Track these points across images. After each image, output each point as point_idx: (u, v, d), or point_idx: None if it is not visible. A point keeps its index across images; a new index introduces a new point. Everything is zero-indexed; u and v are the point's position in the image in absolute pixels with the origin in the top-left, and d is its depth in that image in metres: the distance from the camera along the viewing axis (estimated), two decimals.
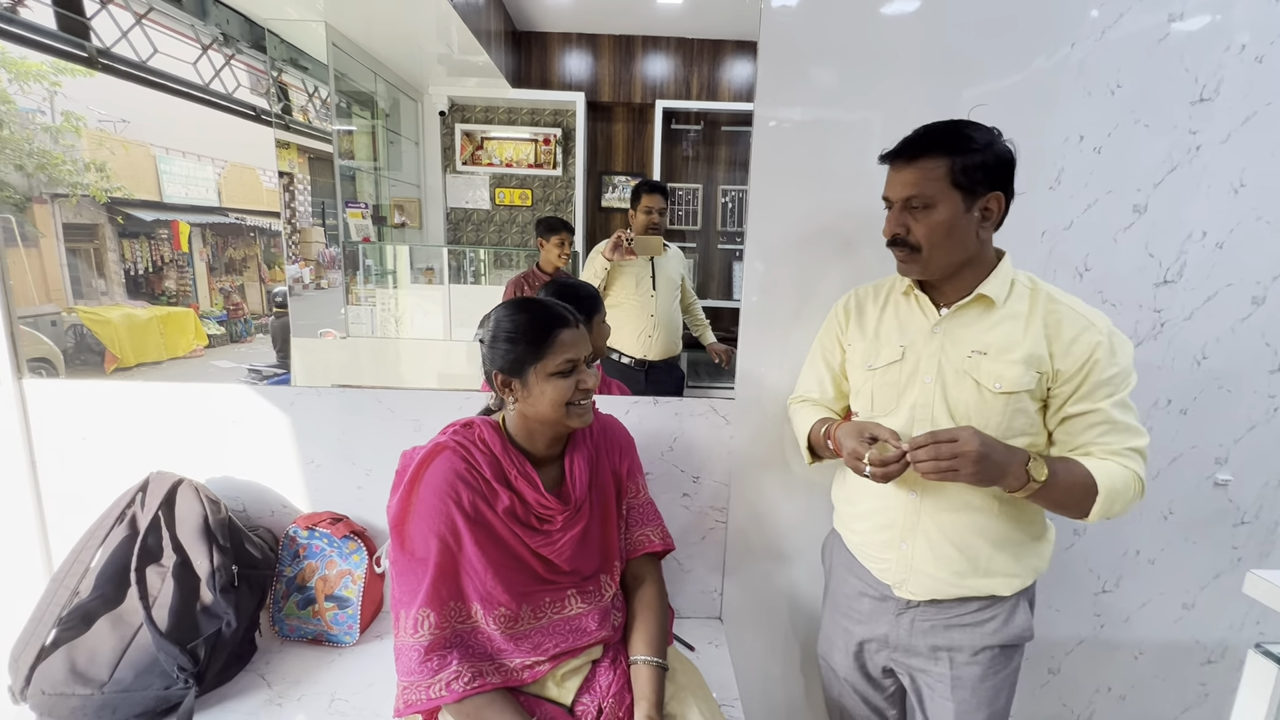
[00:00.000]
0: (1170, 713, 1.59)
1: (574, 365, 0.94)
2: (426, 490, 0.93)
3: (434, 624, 0.90)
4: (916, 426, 0.98)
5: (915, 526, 1.01)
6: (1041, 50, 1.22)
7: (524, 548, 0.96)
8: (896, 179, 0.96)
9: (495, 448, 0.96)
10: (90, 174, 6.53)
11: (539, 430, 0.98)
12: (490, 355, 0.95)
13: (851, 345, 1.10)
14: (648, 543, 1.11)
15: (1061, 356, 0.93)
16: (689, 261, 2.88)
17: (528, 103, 3.47)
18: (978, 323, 0.97)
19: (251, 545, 1.27)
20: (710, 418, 1.39)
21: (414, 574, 0.92)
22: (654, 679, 0.97)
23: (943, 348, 0.98)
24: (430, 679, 0.88)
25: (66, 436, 1.35)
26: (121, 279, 6.95)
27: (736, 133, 3.62)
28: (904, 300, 1.05)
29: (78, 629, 1.12)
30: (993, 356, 0.94)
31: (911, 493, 1.01)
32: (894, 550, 1.04)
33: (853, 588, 1.13)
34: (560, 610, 0.99)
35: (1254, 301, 1.34)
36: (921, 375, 0.99)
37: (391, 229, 3.42)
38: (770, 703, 1.56)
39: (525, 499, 0.96)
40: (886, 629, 1.08)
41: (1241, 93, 1.23)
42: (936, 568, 1.01)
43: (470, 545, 0.92)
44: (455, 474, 0.93)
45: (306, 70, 3.00)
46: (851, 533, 1.13)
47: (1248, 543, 1.47)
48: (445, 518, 0.91)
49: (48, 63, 5.76)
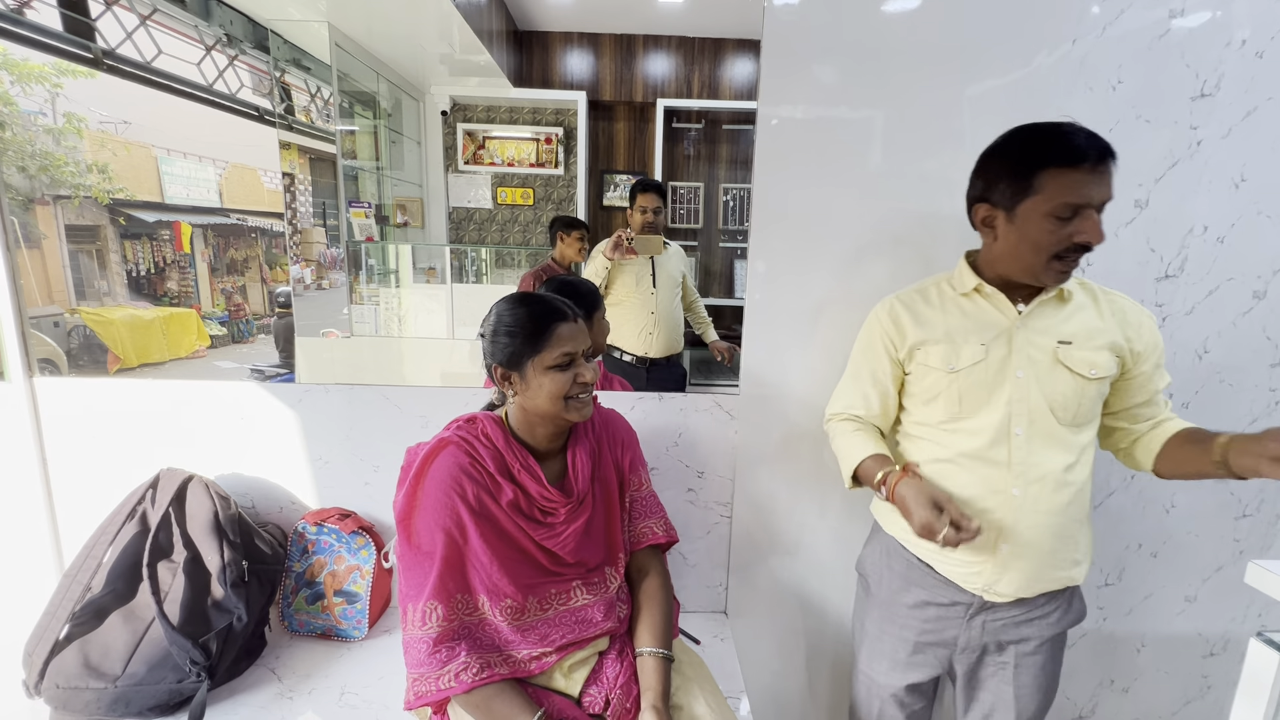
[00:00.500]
0: (1173, 705, 1.60)
1: (571, 359, 0.95)
2: (431, 485, 0.94)
3: (441, 616, 0.91)
4: (1014, 421, 0.99)
5: (1017, 525, 1.00)
6: (1043, 46, 1.23)
7: (528, 540, 0.97)
8: (1103, 180, 0.89)
9: (498, 441, 0.97)
10: (92, 175, 6.55)
11: (539, 424, 0.99)
12: (490, 349, 0.97)
13: (921, 349, 1.05)
14: (651, 535, 1.12)
15: (1137, 340, 1.00)
16: (691, 260, 2.89)
17: (529, 102, 3.48)
18: (1054, 315, 1.00)
19: (261, 541, 1.29)
20: (715, 413, 1.40)
21: (420, 568, 0.92)
22: (660, 670, 0.98)
23: (1030, 341, 0.99)
24: (439, 670, 0.89)
25: (77, 434, 1.36)
26: (124, 280, 6.97)
27: (738, 131, 3.63)
28: (966, 300, 1.04)
29: (90, 624, 1.13)
30: (1079, 345, 0.98)
31: (1014, 490, 0.99)
32: (989, 553, 1.01)
33: (914, 597, 1.10)
34: (566, 602, 1.00)
35: (1255, 296, 1.34)
36: (1012, 371, 0.99)
37: (394, 228, 3.43)
38: (776, 696, 1.57)
39: (529, 492, 0.97)
40: (954, 633, 1.08)
41: (1242, 88, 1.24)
42: (1033, 563, 1.01)
43: (475, 538, 0.93)
44: (459, 468, 0.94)
45: (309, 70, 3.01)
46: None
47: (1249, 535, 1.48)
48: (450, 511, 0.92)
49: (50, 65, 5.78)
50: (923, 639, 1.10)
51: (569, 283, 1.35)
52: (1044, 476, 0.99)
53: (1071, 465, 1.00)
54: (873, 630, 1.17)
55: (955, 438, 1.03)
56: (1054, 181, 0.89)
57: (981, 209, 0.99)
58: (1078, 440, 1.00)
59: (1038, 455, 0.99)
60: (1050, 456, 0.99)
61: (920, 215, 1.30)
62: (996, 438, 0.99)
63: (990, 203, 0.97)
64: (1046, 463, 0.99)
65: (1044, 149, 0.91)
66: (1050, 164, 0.89)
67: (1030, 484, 0.99)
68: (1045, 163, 0.90)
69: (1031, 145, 0.92)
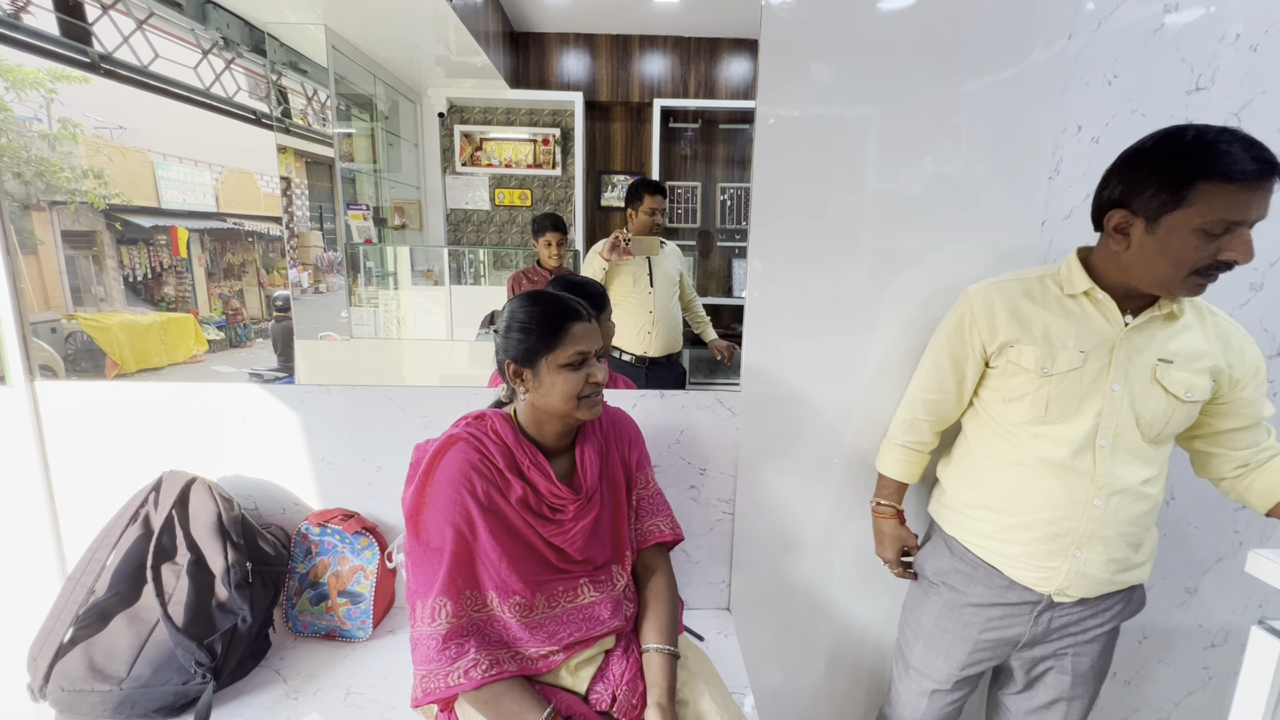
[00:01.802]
0: (1174, 697, 1.61)
1: (585, 358, 0.96)
2: (441, 481, 0.94)
3: (450, 613, 0.90)
4: (1101, 434, 0.98)
5: (1094, 534, 1.00)
6: (1039, 42, 1.24)
7: (537, 537, 0.97)
8: (1264, 198, 0.82)
9: (508, 438, 0.98)
10: (88, 181, 6.54)
11: (549, 421, 0.99)
12: (504, 345, 0.97)
13: (1014, 347, 1.02)
14: (658, 533, 1.12)
15: (1238, 365, 0.99)
16: (688, 259, 2.89)
17: (526, 103, 3.49)
18: (1161, 332, 0.98)
19: (264, 542, 1.29)
20: (717, 410, 1.40)
21: (429, 564, 0.92)
22: (666, 666, 0.99)
23: (1130, 355, 0.97)
24: (449, 667, 0.89)
25: (78, 437, 1.36)
26: (121, 285, 6.95)
27: (734, 130, 3.64)
28: (1073, 304, 1.01)
29: (95, 627, 1.13)
30: (1179, 365, 0.96)
31: (1096, 500, 0.99)
32: (1065, 559, 1.02)
33: (981, 597, 1.11)
34: (574, 599, 1.00)
35: (1251, 288, 1.35)
36: (1108, 383, 0.97)
37: (392, 231, 3.43)
38: (780, 692, 1.57)
39: (538, 489, 0.98)
40: (1019, 630, 1.09)
41: (1237, 81, 1.25)
42: (1104, 569, 1.02)
43: (485, 534, 0.93)
44: (469, 464, 0.94)
45: (306, 74, 3.01)
46: (1002, 543, 1.07)
47: (1249, 527, 1.48)
48: (460, 507, 0.92)
49: (44, 70, 5.76)
50: (985, 636, 1.11)
51: (577, 283, 1.35)
52: (1126, 489, 0.99)
53: (1151, 479, 1.00)
54: (931, 626, 1.17)
55: (1036, 443, 1.02)
56: (1210, 196, 0.82)
57: (1116, 215, 0.92)
58: (1159, 455, 1.01)
59: (1121, 468, 0.99)
60: (1132, 470, 0.99)
61: (918, 212, 1.31)
62: (1082, 447, 0.99)
63: (1129, 209, 0.91)
64: (1128, 476, 0.99)
65: (1201, 159, 0.83)
66: (1207, 177, 0.82)
67: (1112, 495, 0.99)
68: (1201, 175, 0.82)
69: (1187, 154, 0.84)
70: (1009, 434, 1.06)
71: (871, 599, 1.50)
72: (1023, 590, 1.07)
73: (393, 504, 1.41)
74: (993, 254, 1.32)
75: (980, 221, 1.31)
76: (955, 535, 1.15)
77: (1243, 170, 0.80)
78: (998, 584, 1.09)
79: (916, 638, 1.21)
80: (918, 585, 1.24)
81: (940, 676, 1.17)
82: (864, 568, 1.48)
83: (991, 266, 1.31)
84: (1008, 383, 1.04)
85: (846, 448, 1.41)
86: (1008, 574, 1.07)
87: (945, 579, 1.16)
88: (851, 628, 1.53)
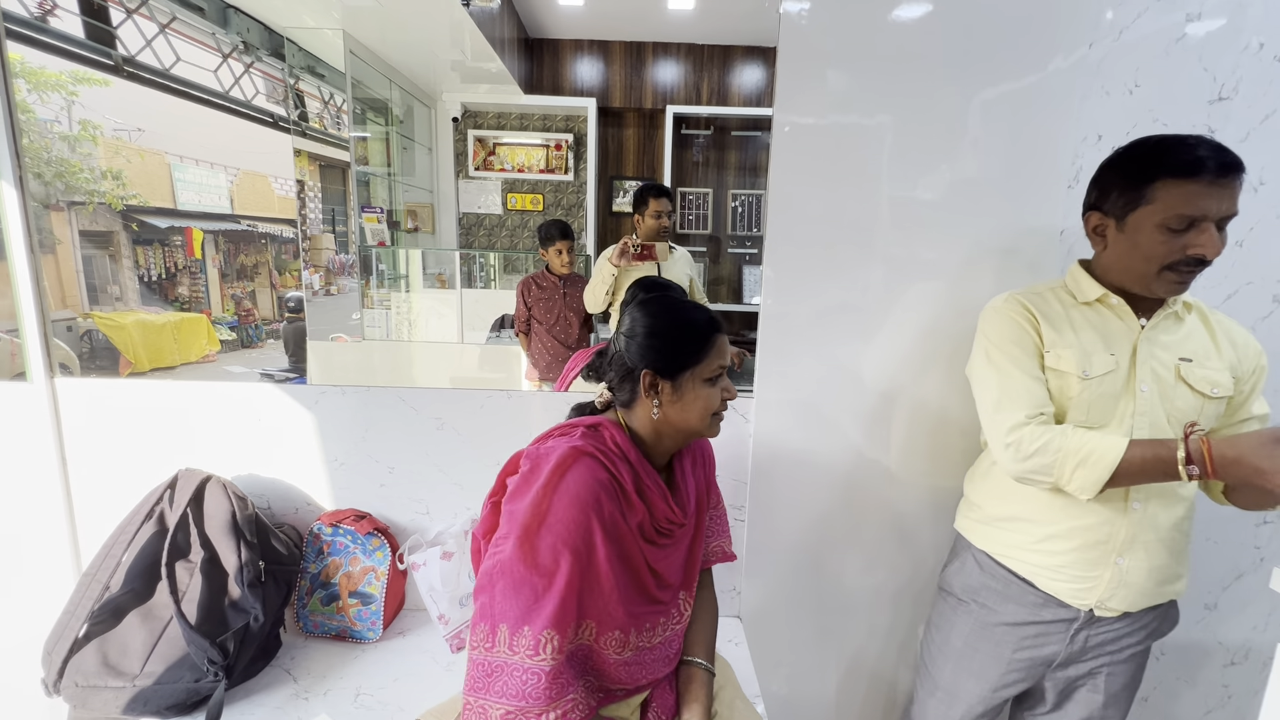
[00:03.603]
0: (1193, 715, 1.58)
1: (723, 372, 0.92)
2: (566, 499, 0.82)
3: (557, 648, 0.79)
4: (1135, 435, 0.97)
5: (1135, 539, 0.99)
6: (1059, 51, 1.23)
7: (643, 561, 0.91)
8: (1223, 193, 0.86)
9: (631, 455, 0.90)
10: (106, 182, 6.63)
11: (671, 437, 0.93)
12: (641, 352, 0.89)
13: (1052, 352, 1.01)
14: (722, 553, 1.10)
15: (1243, 361, 1.01)
16: (699, 265, 2.89)
17: (539, 108, 3.51)
18: (1173, 332, 1.00)
19: (277, 541, 1.29)
20: (729, 416, 1.38)
21: (530, 586, 0.80)
22: (706, 683, 0.97)
23: (1153, 355, 0.98)
24: (545, 706, 0.79)
25: (96, 434, 1.37)
26: (136, 285, 7.03)
27: (746, 137, 3.65)
28: (1090, 311, 1.02)
29: (109, 623, 1.14)
30: (1199, 363, 0.98)
31: (1134, 503, 0.98)
32: (1106, 568, 1.00)
33: (1014, 615, 1.08)
34: (652, 638, 0.94)
35: (1275, 300, 1.34)
36: (1137, 384, 0.98)
37: (404, 234, 3.46)
38: (791, 701, 1.56)
39: (654, 512, 0.91)
40: (1055, 649, 1.07)
41: (1260, 91, 1.24)
42: (1147, 578, 1.00)
43: (603, 560, 0.84)
44: (598, 483, 0.84)
45: (323, 78, 3.04)
46: (1040, 554, 1.05)
47: (1270, 542, 1.46)
48: (583, 530, 0.82)
49: (66, 72, 5.86)
50: (1019, 655, 1.09)
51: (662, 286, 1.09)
52: (1163, 492, 0.99)
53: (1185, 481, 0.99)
54: (960, 646, 1.15)
55: None
56: (1168, 192, 0.87)
57: (1093, 217, 0.99)
58: None
59: None
60: None
61: (934, 221, 1.30)
62: None
63: (1102, 211, 0.97)
64: None
65: (1161, 158, 0.89)
66: (1165, 174, 0.87)
67: (1150, 498, 0.99)
68: (1161, 172, 0.88)
69: (1148, 155, 0.91)
70: None
71: (887, 610, 1.48)
72: (1058, 607, 1.04)
73: (405, 505, 1.42)
74: (1010, 263, 1.31)
75: (998, 230, 1.30)
76: (986, 549, 1.12)
77: (1199, 166, 0.85)
78: (1031, 601, 1.06)
79: (946, 658, 1.18)
80: (944, 603, 1.21)
81: (972, 699, 1.14)
82: (879, 578, 1.46)
83: (1008, 275, 1.30)
84: (1056, 387, 1.02)
85: (860, 456, 1.40)
86: (1044, 588, 1.05)
87: (975, 596, 1.13)
88: (865, 638, 1.51)
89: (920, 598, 1.47)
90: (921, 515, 1.42)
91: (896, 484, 1.41)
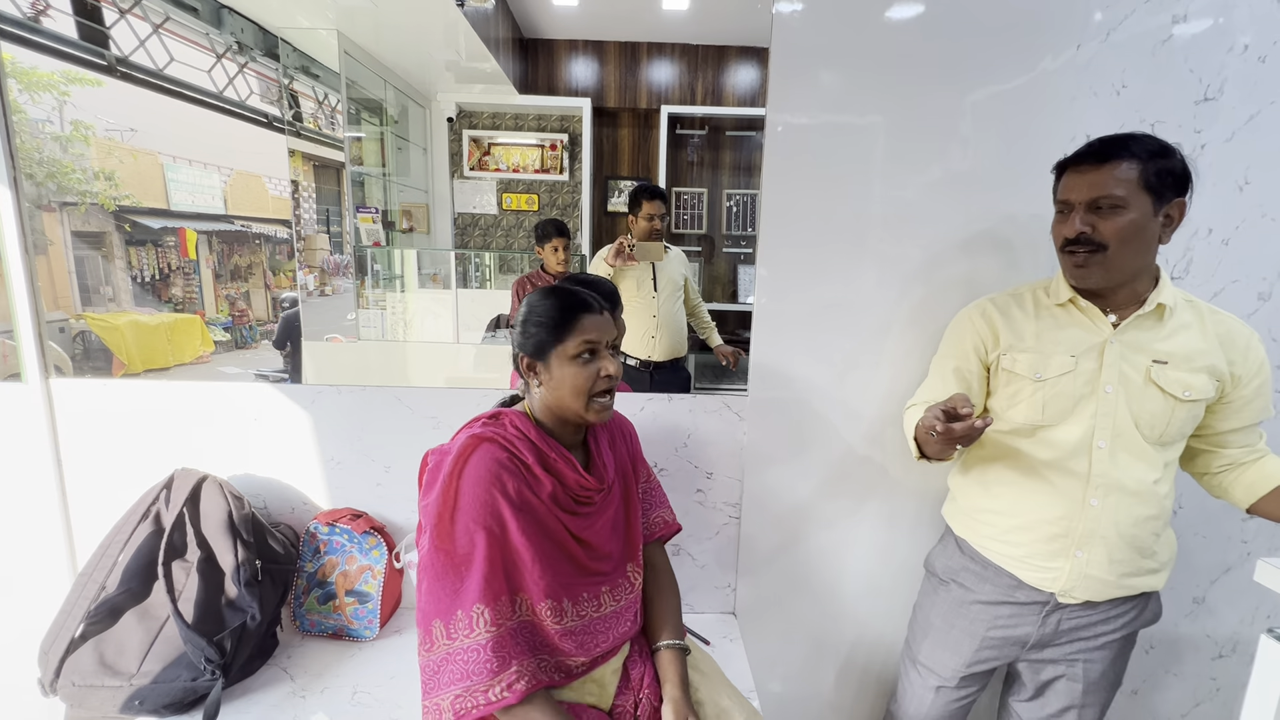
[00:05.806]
0: (1182, 707, 1.60)
1: (594, 350, 0.93)
2: (469, 482, 0.88)
3: (490, 620, 0.84)
4: (1098, 436, 1.00)
5: (1094, 534, 1.02)
6: (1048, 52, 1.25)
7: (565, 532, 0.95)
8: (1081, 181, 0.97)
9: (531, 434, 0.95)
10: (99, 182, 6.59)
11: (564, 417, 0.97)
12: (519, 339, 0.96)
13: (1008, 355, 1.07)
14: (663, 524, 1.14)
15: (1240, 364, 1.01)
16: (694, 265, 2.90)
17: (534, 109, 3.51)
18: (1152, 332, 1.01)
19: (274, 541, 1.29)
20: (724, 414, 1.40)
21: (454, 574, 0.86)
22: (678, 661, 1.00)
23: (1123, 357, 1.00)
24: (490, 680, 0.82)
25: (92, 435, 1.38)
26: (129, 286, 6.99)
27: (741, 137, 3.66)
28: (1061, 311, 1.06)
29: (105, 622, 1.14)
30: (1175, 365, 0.99)
31: (1092, 499, 1.02)
32: (1066, 559, 1.04)
33: (990, 595, 1.12)
34: (598, 609, 0.98)
35: (1260, 298, 1.35)
36: (1101, 385, 1.00)
37: (400, 234, 3.45)
38: (786, 696, 1.57)
39: (565, 481, 0.95)
40: (1027, 630, 1.10)
41: (1245, 92, 1.26)
42: (1108, 571, 1.03)
43: (517, 534, 0.88)
44: (498, 463, 0.90)
45: (317, 78, 3.04)
46: (1006, 544, 1.10)
47: (1257, 537, 1.48)
48: (490, 508, 0.87)
49: (57, 72, 5.82)
50: (993, 634, 1.13)
51: (589, 281, 1.36)
52: (1124, 489, 1.00)
53: (1155, 480, 1.01)
54: (939, 623, 1.19)
55: (1035, 446, 1.05)
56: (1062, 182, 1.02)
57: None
58: (1163, 456, 1.02)
59: (1120, 469, 1.00)
60: (1133, 471, 1.00)
61: (927, 219, 1.31)
62: (1078, 449, 1.01)
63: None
64: (1128, 476, 1.00)
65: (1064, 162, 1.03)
66: (1061, 171, 1.02)
67: (1109, 495, 1.01)
68: (1060, 170, 1.03)
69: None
70: (1012, 439, 1.08)
71: (880, 605, 1.50)
72: (1031, 590, 1.08)
73: (401, 504, 1.42)
74: (1001, 262, 1.32)
75: (989, 230, 1.31)
76: (966, 537, 1.17)
77: (1074, 158, 0.99)
78: (1007, 583, 1.11)
79: (925, 634, 1.22)
80: (928, 583, 1.26)
81: (947, 673, 1.18)
82: (873, 573, 1.48)
83: (999, 274, 1.32)
84: (1006, 390, 1.08)
85: (853, 453, 1.41)
86: (1014, 574, 1.09)
87: (955, 576, 1.18)
88: (859, 633, 1.52)
89: (913, 593, 1.48)
90: (913, 512, 1.44)
91: (889, 481, 1.42)
